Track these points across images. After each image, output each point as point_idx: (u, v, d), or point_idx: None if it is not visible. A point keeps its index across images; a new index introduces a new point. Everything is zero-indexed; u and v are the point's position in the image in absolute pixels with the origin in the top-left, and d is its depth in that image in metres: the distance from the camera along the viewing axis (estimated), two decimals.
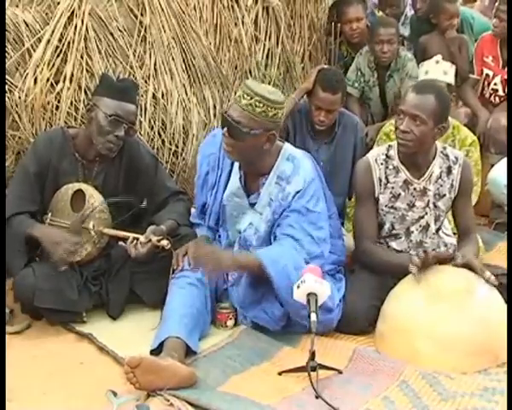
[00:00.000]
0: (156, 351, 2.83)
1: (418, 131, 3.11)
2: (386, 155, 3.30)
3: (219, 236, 3.36)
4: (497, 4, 4.76)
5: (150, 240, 3.10)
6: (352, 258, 3.43)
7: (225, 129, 2.99)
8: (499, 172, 4.13)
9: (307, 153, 3.34)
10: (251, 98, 2.94)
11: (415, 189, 3.27)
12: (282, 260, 2.93)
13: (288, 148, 3.18)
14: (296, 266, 2.91)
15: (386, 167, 3.29)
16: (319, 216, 3.10)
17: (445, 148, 3.32)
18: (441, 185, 3.28)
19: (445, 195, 3.29)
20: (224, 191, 3.24)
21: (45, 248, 3.15)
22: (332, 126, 3.95)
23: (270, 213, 3.12)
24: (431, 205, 3.29)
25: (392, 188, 3.28)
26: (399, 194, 3.29)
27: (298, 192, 3.06)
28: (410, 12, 5.69)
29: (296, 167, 3.10)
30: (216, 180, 3.26)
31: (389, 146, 3.33)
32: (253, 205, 3.18)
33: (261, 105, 2.93)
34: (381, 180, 3.29)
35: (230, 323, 3.15)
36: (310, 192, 3.08)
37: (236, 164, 3.21)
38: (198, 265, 2.93)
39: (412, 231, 3.32)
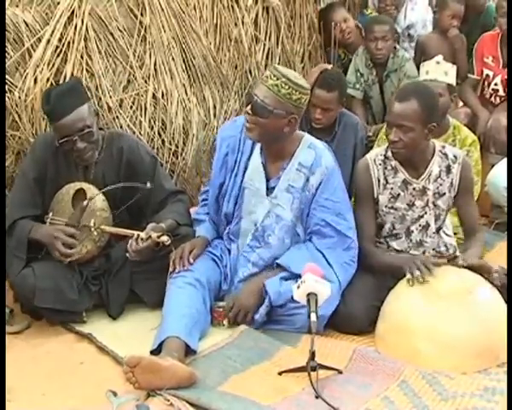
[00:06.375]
0: (156, 351, 2.82)
1: (407, 138, 3.13)
2: (385, 156, 3.30)
3: (228, 230, 3.31)
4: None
5: (150, 236, 3.09)
6: None
7: (249, 106, 3.03)
8: (498, 174, 4.12)
9: (326, 144, 3.35)
10: (277, 79, 2.98)
11: (414, 188, 3.27)
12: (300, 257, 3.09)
13: (309, 137, 3.24)
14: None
15: (385, 168, 3.29)
16: (342, 206, 3.17)
17: (444, 147, 3.31)
18: (441, 184, 3.27)
19: (444, 193, 3.29)
20: (243, 175, 3.24)
21: (47, 247, 3.16)
22: (332, 126, 3.97)
23: (297, 201, 3.15)
24: (430, 204, 3.29)
25: (392, 188, 3.28)
26: (399, 194, 3.28)
27: (320, 184, 3.13)
28: None
29: (318, 157, 3.16)
30: (236, 163, 3.26)
31: (387, 147, 3.32)
32: (271, 190, 3.19)
33: (286, 87, 2.97)
34: (379, 181, 3.29)
35: (227, 321, 3.14)
36: (333, 183, 3.15)
37: (257, 149, 3.22)
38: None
39: (412, 231, 3.31)
